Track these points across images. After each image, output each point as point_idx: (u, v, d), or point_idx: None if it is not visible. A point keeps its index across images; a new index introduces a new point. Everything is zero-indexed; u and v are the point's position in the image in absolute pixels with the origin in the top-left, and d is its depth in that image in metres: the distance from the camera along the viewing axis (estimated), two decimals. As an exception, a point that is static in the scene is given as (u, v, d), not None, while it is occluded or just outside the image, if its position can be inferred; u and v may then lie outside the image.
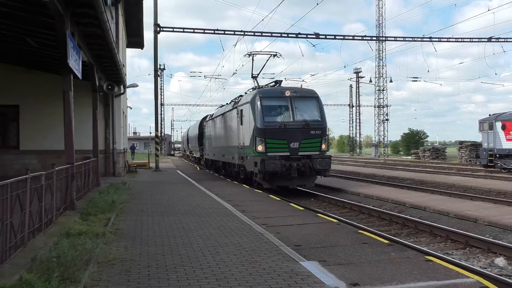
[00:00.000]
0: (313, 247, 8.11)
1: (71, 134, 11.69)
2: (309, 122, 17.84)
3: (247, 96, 20.41)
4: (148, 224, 10.09)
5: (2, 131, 22.40)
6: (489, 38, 36.18)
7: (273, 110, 18.16)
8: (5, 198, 6.26)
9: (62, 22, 10.51)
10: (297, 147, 17.38)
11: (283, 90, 18.83)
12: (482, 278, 6.25)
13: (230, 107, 23.73)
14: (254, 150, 17.52)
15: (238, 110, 20.54)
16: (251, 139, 17.96)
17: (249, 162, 18.55)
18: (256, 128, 17.62)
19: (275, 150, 17.26)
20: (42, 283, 5.21)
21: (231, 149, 22.25)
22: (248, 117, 18.68)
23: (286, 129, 17.54)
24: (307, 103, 18.52)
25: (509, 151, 29.70)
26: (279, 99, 18.33)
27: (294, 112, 17.84)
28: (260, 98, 17.97)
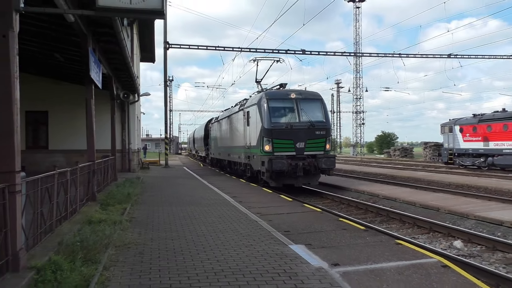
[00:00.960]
0: (300, 232, 8.11)
1: (93, 136, 11.66)
2: (314, 123, 16.30)
3: (254, 98, 18.65)
4: (159, 213, 10.05)
5: (34, 133, 22.39)
6: (449, 54, 36.40)
7: (280, 111, 16.60)
8: (36, 190, 6.25)
9: (85, 40, 10.50)
10: (302, 147, 15.93)
11: (289, 92, 17.29)
12: (443, 258, 6.27)
13: (236, 109, 21.78)
14: (261, 150, 16.05)
15: (245, 112, 18.85)
16: (258, 139, 16.45)
17: (256, 161, 16.96)
18: (263, 129, 16.11)
19: (281, 149, 15.83)
20: (67, 264, 5.20)
21: (237, 149, 20.50)
22: (255, 118, 17.11)
23: (292, 129, 16.04)
24: (312, 105, 16.92)
25: (465, 150, 29.82)
26: (285, 101, 16.79)
27: (299, 113, 16.35)
28: (267, 100, 16.47)
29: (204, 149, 37.13)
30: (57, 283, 4.67)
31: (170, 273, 5.40)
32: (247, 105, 18.91)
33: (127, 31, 17.03)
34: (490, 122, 27.85)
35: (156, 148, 68.99)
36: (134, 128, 23.93)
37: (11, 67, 5.25)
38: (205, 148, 36.11)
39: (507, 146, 26.11)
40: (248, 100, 19.66)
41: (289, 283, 5.01)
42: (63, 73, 19.30)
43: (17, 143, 5.28)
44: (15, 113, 5.28)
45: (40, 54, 15.44)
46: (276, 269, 5.54)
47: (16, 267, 5.00)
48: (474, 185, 18.05)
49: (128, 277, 5.23)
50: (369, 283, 5.15)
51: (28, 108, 20.32)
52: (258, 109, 16.64)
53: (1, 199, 4.88)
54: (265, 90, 19.07)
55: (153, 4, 6.22)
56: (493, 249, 8.18)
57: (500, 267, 7.24)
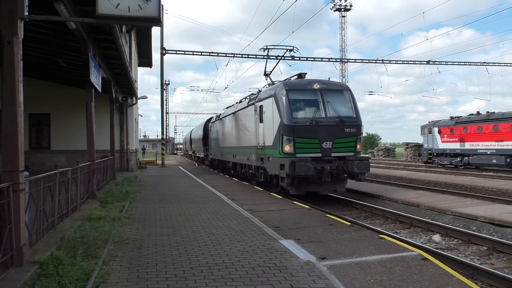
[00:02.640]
0: (290, 228, 8.12)
1: (93, 137, 11.61)
2: (344, 119, 13.00)
3: (268, 90, 15.16)
4: (156, 210, 10.01)
5: (37, 134, 22.24)
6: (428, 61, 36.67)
7: (302, 104, 13.29)
8: (39, 189, 6.22)
9: (86, 46, 10.46)
10: (330, 147, 12.74)
11: (311, 82, 13.85)
12: (422, 251, 6.32)
13: (244, 104, 18.24)
14: (280, 151, 12.79)
15: (257, 107, 15.45)
16: (275, 138, 13.19)
17: (271, 164, 13.73)
18: (282, 126, 12.78)
19: (305, 150, 12.61)
20: (69, 258, 5.18)
21: (246, 150, 17.20)
22: (271, 113, 13.76)
23: (318, 126, 12.68)
24: (339, 97, 13.65)
25: (443, 150, 30.10)
26: (307, 92, 13.44)
27: (325, 107, 13.07)
28: (287, 91, 13.14)
29: (202, 149, 34.21)
30: (59, 277, 4.64)
31: (166, 267, 5.39)
32: (259, 98, 15.50)
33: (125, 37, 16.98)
34: (466, 124, 28.14)
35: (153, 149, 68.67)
36: (132, 129, 23.84)
37: (15, 72, 5.23)
38: (204, 149, 33.22)
39: (481, 147, 26.41)
40: (260, 93, 16.28)
41: (279, 276, 5.02)
42: (65, 77, 19.21)
43: (20, 144, 5.26)
44: (19, 115, 5.26)
45: (43, 59, 15.35)
46: (267, 263, 5.54)
47: (20, 261, 4.98)
48: (451, 183, 18.21)
49: (126, 271, 5.21)
50: (354, 275, 5.18)
51: (32, 111, 20.21)
52: (276, 102, 13.36)
53: (6, 197, 4.86)
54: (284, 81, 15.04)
55: (150, 12, 6.21)
56: (468, 242, 8.26)
57: (475, 259, 7.32)
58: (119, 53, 12.75)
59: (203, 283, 4.79)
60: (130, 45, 20.53)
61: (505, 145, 24.65)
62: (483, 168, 27.59)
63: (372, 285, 4.87)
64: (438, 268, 5.49)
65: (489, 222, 9.56)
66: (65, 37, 11.30)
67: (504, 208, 10.86)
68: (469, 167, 27.98)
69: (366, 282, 4.96)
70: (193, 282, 4.81)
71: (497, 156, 25.09)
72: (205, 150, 32.71)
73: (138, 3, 6.10)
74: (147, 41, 26.57)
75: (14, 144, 5.19)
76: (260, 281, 4.85)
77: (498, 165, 25.36)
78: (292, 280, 4.87)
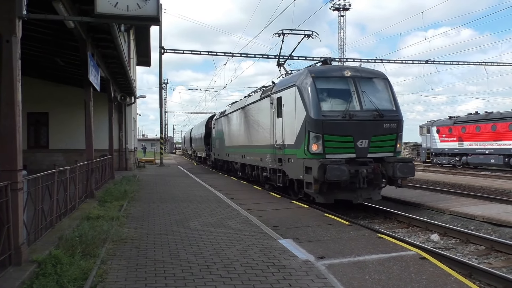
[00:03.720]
0: (288, 227, 8.12)
1: (91, 136, 11.60)
2: (382, 112, 10.88)
3: (289, 78, 12.86)
4: (154, 209, 10.01)
5: (35, 133, 22.24)
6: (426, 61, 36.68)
7: (332, 95, 11.13)
8: (37, 188, 6.21)
9: (84, 45, 10.45)
10: (366, 146, 10.68)
11: (341, 68, 11.90)
12: (421, 251, 6.33)
13: (256, 97, 16.00)
14: (306, 151, 10.67)
15: (273, 99, 13.29)
16: (299, 135, 11.08)
17: (294, 166, 11.57)
18: (309, 120, 10.63)
19: (336, 150, 10.49)
20: (67, 258, 5.17)
21: (259, 149, 15.03)
22: (292, 106, 11.58)
23: (352, 121, 10.57)
24: (376, 86, 11.57)
25: (442, 150, 30.18)
26: (337, 81, 11.30)
27: (361, 98, 10.97)
28: (313, 79, 10.97)
29: (204, 149, 31.90)
30: (57, 276, 4.64)
31: (165, 266, 5.39)
32: (277, 89, 13.27)
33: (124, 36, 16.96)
34: (464, 124, 28.21)
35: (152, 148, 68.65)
36: (130, 128, 23.83)
37: (14, 71, 5.23)
38: (206, 148, 31.06)
39: (480, 146, 26.47)
40: (277, 83, 14.10)
41: (277, 275, 5.03)
42: (63, 76, 19.18)
43: (19, 143, 5.25)
44: (17, 114, 5.25)
45: (41, 58, 15.32)
46: (265, 262, 5.55)
47: (18, 260, 4.97)
48: (449, 182, 18.24)
49: (125, 270, 5.20)
50: (352, 274, 5.18)
51: (30, 110, 20.20)
52: (299, 92, 11.19)
53: (4, 196, 4.85)
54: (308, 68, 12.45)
55: (149, 11, 6.21)
56: (467, 242, 8.28)
57: (473, 258, 7.34)
58: (118, 52, 12.74)
59: (202, 282, 4.79)
60: (128, 44, 20.51)
61: (503, 145, 24.71)
62: (482, 168, 27.66)
63: (371, 284, 4.87)
64: (436, 268, 5.50)
65: (487, 221, 9.58)
66: (64, 36, 11.28)
67: (502, 208, 10.88)
68: (467, 166, 28.06)
69: (364, 281, 4.96)
70: (192, 282, 4.81)
71: (495, 156, 25.16)
72: (207, 149, 30.79)
73: (136, 2, 6.10)
74: (145, 40, 26.55)
75: (12, 143, 5.18)
76: (259, 281, 4.85)
77: (496, 164, 25.43)
78: (290, 280, 4.88)
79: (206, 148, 31.02)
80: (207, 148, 30.66)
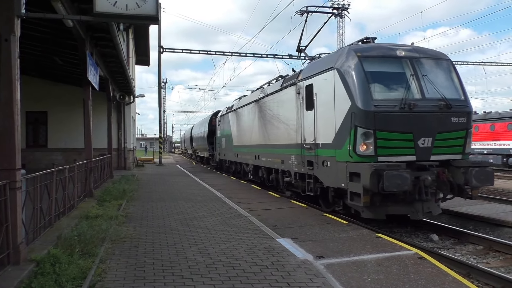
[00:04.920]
0: (287, 227, 8.12)
1: (90, 135, 11.59)
2: (450, 101, 8.45)
3: (324, 60, 10.30)
4: (153, 208, 10.01)
5: (34, 132, 22.24)
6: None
7: (384, 80, 8.68)
8: (36, 187, 6.21)
9: (83, 44, 10.44)
10: (429, 145, 8.27)
11: (393, 47, 9.14)
12: (419, 250, 6.34)
13: (276, 86, 13.43)
14: (351, 152, 8.23)
15: (300, 88, 10.76)
16: (341, 131, 8.70)
17: (331, 171, 9.18)
18: (356, 112, 8.19)
19: (391, 151, 8.12)
20: (66, 257, 5.18)
21: (280, 150, 12.58)
22: (330, 94, 9.12)
23: (413, 113, 8.16)
24: (438, 69, 9.07)
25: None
26: (390, 62, 8.84)
27: (422, 84, 8.54)
28: (360, 59, 8.55)
29: (207, 148, 29.60)
30: (55, 275, 4.64)
31: (164, 265, 5.39)
32: (305, 75, 10.71)
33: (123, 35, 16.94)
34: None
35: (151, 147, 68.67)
36: (129, 128, 23.82)
37: (12, 70, 5.23)
38: (209, 148, 28.77)
39: (478, 146, 26.54)
40: (306, 68, 11.37)
41: (276, 275, 5.03)
42: (62, 75, 19.15)
43: (17, 142, 5.25)
44: (16, 113, 5.25)
45: (40, 57, 15.31)
46: (264, 262, 5.55)
47: (17, 260, 4.97)
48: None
49: (123, 270, 5.20)
50: (351, 274, 5.19)
51: (28, 109, 20.17)
52: (341, 76, 8.78)
53: (2, 195, 4.85)
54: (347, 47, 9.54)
55: (147, 10, 6.21)
56: (465, 242, 8.29)
57: (471, 258, 7.35)
58: (117, 51, 12.73)
59: (200, 281, 4.79)
60: (127, 43, 20.50)
61: (501, 145, 24.76)
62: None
63: (369, 284, 4.88)
64: (434, 267, 5.51)
65: (486, 221, 9.59)
66: (63, 35, 11.27)
67: (501, 207, 10.90)
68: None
69: (363, 281, 4.97)
70: (190, 281, 4.81)
71: (494, 156, 25.20)
72: (211, 149, 28.41)
73: (135, 1, 6.10)
74: (144, 39, 26.53)
75: (11, 142, 5.18)
76: (257, 280, 4.86)
77: (495, 164, 25.44)
78: (289, 279, 4.88)
79: (209, 147, 28.82)
80: (211, 148, 28.49)
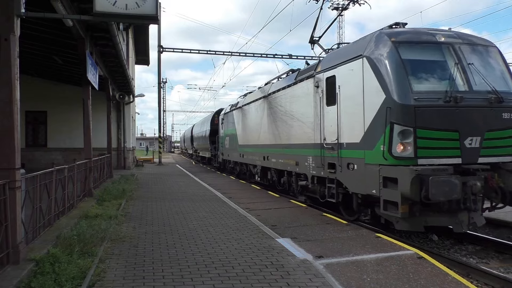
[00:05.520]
0: (287, 226, 8.13)
1: (89, 135, 11.59)
2: (501, 94, 7.30)
3: (350, 48, 8.96)
4: (153, 208, 10.01)
5: (33, 132, 22.24)
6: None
7: (424, 69, 7.48)
8: (35, 186, 6.21)
9: (83, 43, 10.44)
10: (476, 146, 7.15)
11: (431, 32, 7.95)
12: (419, 250, 6.34)
13: (289, 80, 12.16)
14: (386, 153, 7.06)
15: (319, 80, 9.52)
16: (372, 129, 7.54)
17: (358, 175, 7.96)
18: (392, 106, 7.04)
19: (434, 152, 7.00)
20: (65, 256, 5.18)
21: (294, 149, 11.32)
22: (358, 86, 7.92)
23: (459, 107, 7.04)
24: (485, 58, 7.89)
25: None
26: (430, 48, 7.66)
27: (468, 74, 7.39)
28: (394, 45, 7.44)
29: (209, 148, 28.29)
30: (55, 274, 4.64)
31: (163, 265, 5.39)
32: (326, 65, 9.45)
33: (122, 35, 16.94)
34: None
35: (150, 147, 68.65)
36: (129, 127, 23.81)
37: (12, 69, 5.23)
38: (211, 148, 27.51)
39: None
40: (325, 58, 10.01)
41: (275, 274, 5.04)
42: (62, 74, 19.16)
43: (17, 141, 5.26)
44: (16, 113, 5.25)
45: (39, 56, 15.31)
46: (263, 261, 5.56)
47: (16, 259, 4.97)
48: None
49: (123, 269, 5.21)
50: (350, 273, 5.20)
51: (28, 108, 20.18)
52: (372, 66, 7.57)
53: (2, 195, 4.85)
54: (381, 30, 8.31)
55: (147, 10, 6.21)
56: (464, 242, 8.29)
57: (471, 258, 7.35)
58: (116, 51, 12.73)
59: (200, 281, 4.80)
60: (127, 43, 20.50)
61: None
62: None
63: (369, 283, 4.89)
64: (434, 267, 5.51)
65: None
66: (62, 34, 11.26)
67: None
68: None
69: (362, 280, 4.98)
70: (190, 280, 4.81)
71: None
72: (213, 149, 27.22)
73: (135, 1, 6.10)
74: (144, 39, 26.53)
75: (10, 142, 5.18)
76: (257, 279, 4.86)
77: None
78: (288, 279, 4.89)
79: (212, 147, 27.50)
80: (213, 148, 27.29)
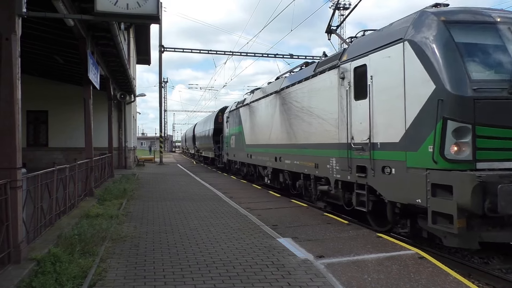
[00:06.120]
0: (288, 226, 8.13)
1: (90, 134, 11.60)
2: None
3: (387, 31, 7.40)
4: (153, 207, 10.02)
5: (34, 131, 22.27)
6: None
7: (482, 54, 6.15)
8: (36, 186, 6.22)
9: (84, 43, 10.44)
10: None
11: (484, 11, 6.60)
12: (420, 250, 6.34)
13: (307, 72, 10.80)
14: (436, 155, 5.83)
15: (345, 71, 8.33)
16: (416, 125, 6.31)
17: (398, 181, 6.77)
18: (445, 98, 5.77)
19: (496, 154, 5.80)
20: (66, 256, 5.18)
21: (314, 150, 10.08)
22: (397, 76, 6.71)
23: None
24: None
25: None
26: (486, 30, 6.31)
27: None
28: (446, 25, 6.18)
29: (212, 148, 27.11)
30: (56, 274, 4.64)
31: (164, 264, 5.40)
32: (353, 53, 8.23)
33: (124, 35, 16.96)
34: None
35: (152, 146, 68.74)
36: (130, 127, 23.83)
37: (13, 69, 5.24)
38: (215, 147, 26.29)
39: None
40: (352, 45, 8.73)
41: (276, 274, 5.04)
42: (63, 74, 19.19)
43: (18, 141, 5.26)
44: (17, 112, 5.26)
45: (41, 56, 15.33)
46: (264, 261, 5.56)
47: (17, 259, 4.98)
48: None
49: (124, 269, 5.21)
50: (351, 273, 5.19)
51: (29, 108, 20.20)
52: (416, 50, 6.40)
53: (3, 194, 4.85)
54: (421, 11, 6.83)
55: (148, 9, 6.22)
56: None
57: (472, 258, 7.34)
58: (118, 50, 12.74)
59: (201, 281, 4.80)
60: (128, 43, 20.51)
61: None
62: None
63: (369, 283, 4.89)
64: (435, 267, 5.51)
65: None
66: (63, 34, 11.28)
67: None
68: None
69: (363, 280, 4.97)
70: (191, 280, 4.82)
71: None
72: (217, 149, 26.00)
73: (136, 1, 6.11)
74: (145, 38, 26.56)
75: (12, 141, 5.18)
76: (258, 279, 4.86)
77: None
78: (289, 278, 4.89)
79: (215, 147, 26.29)
80: (217, 147, 25.99)
